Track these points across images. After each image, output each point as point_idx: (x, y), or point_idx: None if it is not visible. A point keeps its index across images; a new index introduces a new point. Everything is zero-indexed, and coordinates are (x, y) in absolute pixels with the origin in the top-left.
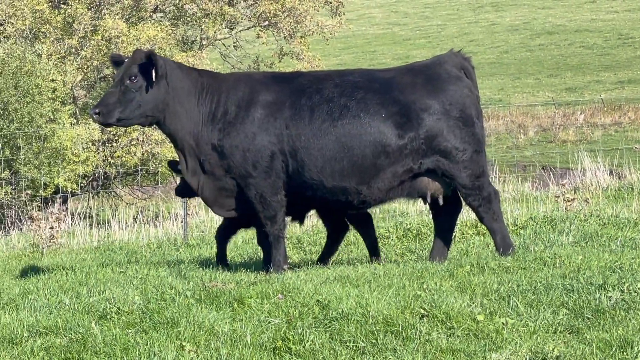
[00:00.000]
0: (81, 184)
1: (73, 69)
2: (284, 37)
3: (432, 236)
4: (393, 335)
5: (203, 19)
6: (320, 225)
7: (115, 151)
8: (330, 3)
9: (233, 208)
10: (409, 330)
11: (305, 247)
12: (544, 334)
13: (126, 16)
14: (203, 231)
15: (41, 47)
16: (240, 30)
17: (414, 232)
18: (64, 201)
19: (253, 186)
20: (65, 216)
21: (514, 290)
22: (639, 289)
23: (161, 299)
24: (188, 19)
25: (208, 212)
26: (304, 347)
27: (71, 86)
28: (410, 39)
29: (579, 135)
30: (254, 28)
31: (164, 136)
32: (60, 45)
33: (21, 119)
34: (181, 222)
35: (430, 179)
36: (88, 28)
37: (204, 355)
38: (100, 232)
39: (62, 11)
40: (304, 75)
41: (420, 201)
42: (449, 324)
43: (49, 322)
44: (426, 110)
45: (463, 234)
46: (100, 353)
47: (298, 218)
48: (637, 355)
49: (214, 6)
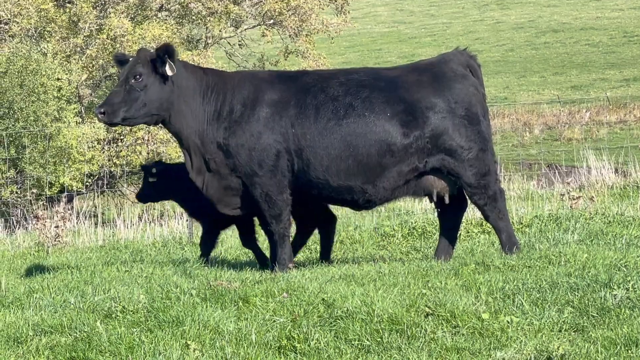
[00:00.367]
0: (86, 183)
1: (78, 68)
2: (289, 36)
3: (438, 235)
4: (398, 333)
5: (208, 18)
6: None
7: (121, 150)
8: (335, 1)
9: (238, 206)
10: (414, 328)
11: (310, 246)
12: (549, 332)
13: (131, 15)
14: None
15: (46, 46)
16: (245, 29)
17: (419, 231)
18: (69, 200)
19: (259, 185)
20: (70, 215)
21: (519, 289)
22: None
23: (166, 297)
24: (193, 17)
25: None
26: (309, 346)
27: (76, 85)
28: (416, 37)
29: (584, 133)
30: (259, 26)
31: (169, 135)
32: (65, 44)
33: (26, 117)
34: (186, 221)
35: (436, 178)
36: (93, 27)
37: (209, 354)
38: (105, 231)
39: (67, 10)
40: (309, 74)
41: (425, 199)
42: (454, 322)
43: (54, 321)
44: (432, 109)
45: (468, 233)
46: (105, 352)
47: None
48: None
49: (219, 5)
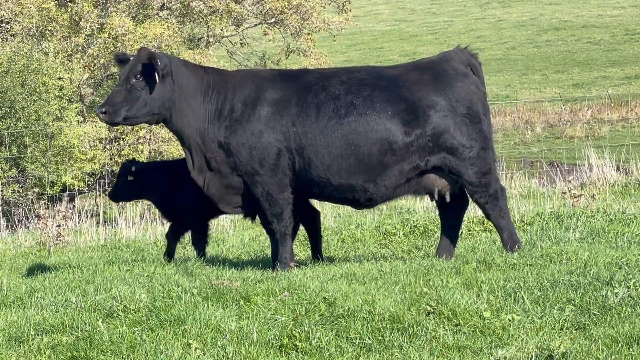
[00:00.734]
0: (88, 182)
1: (80, 67)
2: (291, 34)
3: (439, 233)
4: (399, 332)
5: (210, 16)
6: (327, 222)
7: (123, 149)
8: (337, 0)
9: (239, 205)
10: (415, 327)
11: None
12: (551, 330)
13: (133, 14)
14: (209, 229)
15: (48, 45)
16: (247, 28)
17: (420, 229)
18: (71, 199)
19: (259, 184)
20: (72, 214)
21: (521, 287)
22: None
23: (168, 296)
24: (195, 16)
25: None
26: (310, 345)
27: (78, 84)
28: (417, 35)
29: (586, 131)
30: (260, 25)
31: (170, 134)
32: (67, 43)
33: (28, 117)
34: None
35: (437, 176)
36: (95, 26)
37: (211, 352)
38: (107, 230)
39: (69, 9)
40: (311, 73)
41: (427, 198)
42: (455, 320)
43: (56, 320)
44: (433, 107)
45: (470, 231)
46: (106, 351)
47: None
48: None
49: (220, 3)
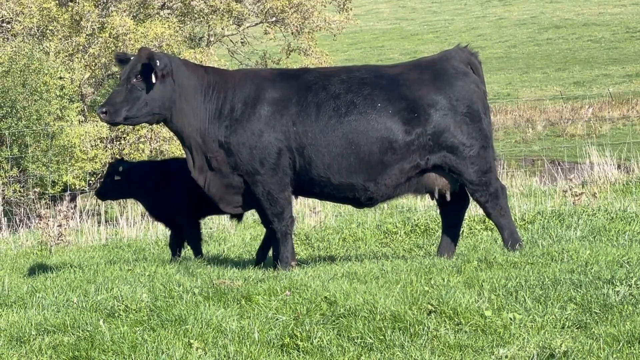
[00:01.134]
0: (89, 182)
1: (81, 67)
2: (292, 33)
3: (440, 232)
4: (401, 331)
5: (210, 15)
6: (328, 221)
7: (124, 148)
8: None
9: (240, 205)
10: (416, 326)
11: (313, 244)
12: (552, 329)
13: (133, 13)
14: (211, 228)
15: (49, 45)
16: (247, 27)
17: (421, 228)
18: (72, 199)
19: (260, 183)
20: (73, 214)
21: (522, 286)
22: None
23: (169, 296)
24: (195, 15)
25: None
26: (311, 344)
27: (79, 84)
28: (418, 34)
29: (587, 129)
30: (261, 24)
31: (171, 133)
32: (67, 42)
33: (29, 116)
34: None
35: (438, 175)
36: (95, 25)
37: (212, 352)
38: (108, 230)
39: (70, 9)
40: (311, 72)
41: (428, 197)
42: (456, 319)
43: (57, 321)
44: (433, 106)
45: (471, 229)
46: (108, 351)
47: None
48: None
49: (221, 2)
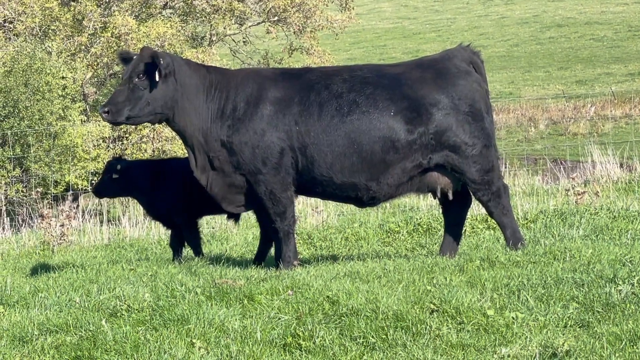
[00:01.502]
0: (92, 181)
1: (83, 66)
2: (294, 32)
3: (442, 231)
4: (403, 330)
5: (212, 15)
6: (331, 220)
7: (126, 148)
8: None
9: (242, 204)
10: (419, 325)
11: (315, 243)
12: (554, 328)
13: (136, 13)
14: (213, 227)
15: (51, 45)
16: (249, 26)
17: (424, 227)
18: (75, 199)
19: (262, 182)
20: (75, 214)
21: (524, 285)
22: None
23: (171, 296)
24: (197, 14)
25: None
26: (314, 343)
27: (81, 83)
28: (420, 32)
29: (589, 128)
30: (263, 23)
31: (174, 133)
32: (70, 42)
33: (31, 116)
34: None
35: (440, 174)
36: (98, 25)
37: (214, 352)
38: (110, 230)
39: (72, 8)
40: (313, 71)
41: (430, 196)
42: (459, 318)
43: (60, 320)
44: (435, 105)
45: (473, 229)
46: (110, 351)
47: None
48: None
49: (223, 2)
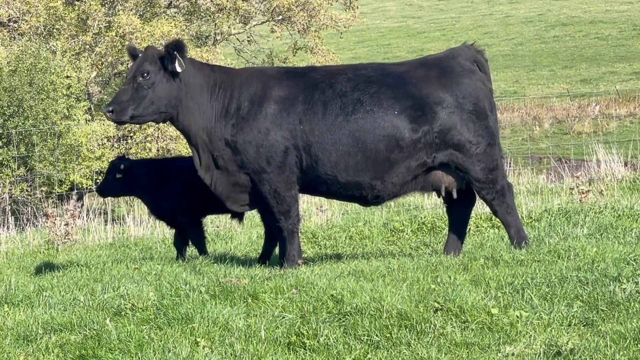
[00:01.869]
0: (96, 181)
1: (87, 66)
2: (298, 32)
3: (447, 230)
4: (407, 329)
5: (217, 14)
6: (335, 219)
7: (131, 147)
8: None
9: (247, 203)
10: (423, 324)
11: (320, 242)
12: (559, 326)
13: (140, 12)
14: (217, 226)
15: (55, 44)
16: (254, 25)
17: (428, 226)
18: (79, 198)
19: (267, 181)
20: (80, 213)
21: (528, 283)
22: None
23: (175, 295)
24: (202, 14)
25: None
26: (318, 342)
27: (86, 82)
28: (425, 31)
29: (594, 126)
30: (268, 23)
31: (178, 132)
32: (74, 41)
33: (36, 115)
34: None
35: (444, 173)
36: (102, 24)
37: (219, 350)
38: (115, 229)
39: (76, 8)
40: (317, 70)
41: (434, 194)
42: (463, 317)
43: (64, 319)
44: (440, 104)
45: (478, 227)
46: (114, 349)
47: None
48: None
49: (227, 1)
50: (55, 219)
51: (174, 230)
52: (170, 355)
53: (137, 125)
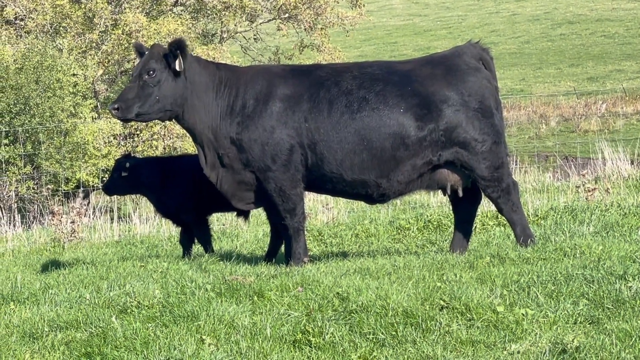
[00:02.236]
0: (103, 179)
1: (94, 64)
2: (304, 29)
3: (453, 228)
4: (413, 327)
5: (223, 12)
6: (341, 217)
7: (137, 145)
8: None
9: (252, 201)
10: (428, 321)
11: (325, 240)
12: (564, 324)
13: (146, 10)
14: (224, 224)
15: (62, 42)
16: (260, 23)
17: (434, 224)
18: (86, 196)
19: (272, 179)
20: (86, 211)
21: (534, 281)
22: None
23: (181, 292)
24: (208, 12)
25: None
26: (323, 340)
27: (92, 80)
28: (431, 29)
29: (600, 125)
30: (274, 20)
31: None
32: (81, 39)
33: (42, 113)
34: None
35: (450, 171)
36: (108, 22)
37: (224, 348)
38: (121, 226)
39: (83, 6)
40: (323, 68)
41: (440, 192)
42: (468, 315)
43: (70, 317)
44: (445, 102)
45: (484, 225)
46: (120, 347)
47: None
48: None
49: None
50: (62, 217)
51: (180, 228)
52: (175, 353)
53: (144, 123)
